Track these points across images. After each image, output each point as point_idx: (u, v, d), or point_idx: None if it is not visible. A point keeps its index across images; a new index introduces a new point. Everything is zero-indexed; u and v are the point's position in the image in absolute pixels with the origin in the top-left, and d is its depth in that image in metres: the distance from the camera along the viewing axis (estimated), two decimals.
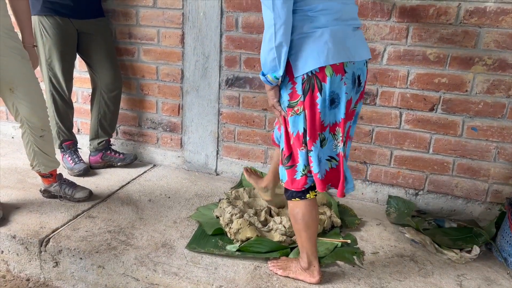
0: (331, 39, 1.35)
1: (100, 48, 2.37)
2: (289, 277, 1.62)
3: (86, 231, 1.87)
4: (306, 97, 1.38)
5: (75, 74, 2.46)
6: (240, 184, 2.39)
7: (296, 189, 1.52)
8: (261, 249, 1.76)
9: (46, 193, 2.14)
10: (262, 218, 1.95)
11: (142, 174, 2.54)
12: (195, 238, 1.85)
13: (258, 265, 1.70)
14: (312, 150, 1.44)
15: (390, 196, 2.26)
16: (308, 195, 1.52)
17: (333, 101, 1.40)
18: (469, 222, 2.07)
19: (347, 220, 2.05)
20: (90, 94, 2.53)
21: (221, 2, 2.28)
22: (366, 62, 1.50)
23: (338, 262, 1.74)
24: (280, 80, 1.42)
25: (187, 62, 2.45)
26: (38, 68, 2.16)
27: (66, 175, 2.32)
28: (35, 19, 2.17)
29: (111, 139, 2.61)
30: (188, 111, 2.53)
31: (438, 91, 2.07)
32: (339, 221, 2.00)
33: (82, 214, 2.02)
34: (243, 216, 1.91)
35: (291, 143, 1.49)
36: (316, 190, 1.53)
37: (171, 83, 2.53)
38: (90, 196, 2.15)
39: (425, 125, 2.14)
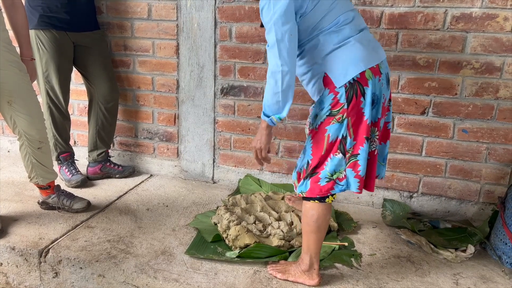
0: (361, 45, 1.43)
1: (96, 60, 2.40)
2: (288, 281, 1.64)
3: (86, 241, 1.87)
4: (350, 104, 1.42)
5: (71, 86, 2.48)
6: (237, 191, 2.41)
7: (320, 194, 1.52)
8: (261, 255, 1.78)
9: (44, 204, 2.14)
10: (260, 225, 1.96)
11: (139, 184, 2.56)
12: (194, 244, 1.86)
13: (258, 269, 1.72)
14: (359, 154, 1.47)
15: (385, 199, 2.29)
16: (327, 199, 1.54)
17: (373, 102, 1.46)
18: (463, 222, 2.11)
19: (344, 224, 2.07)
20: (87, 106, 2.55)
21: (215, 13, 2.33)
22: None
23: (336, 264, 1.76)
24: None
25: (182, 72, 2.49)
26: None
27: (63, 186, 2.33)
28: (32, 33, 2.19)
29: (109, 150, 2.63)
30: (184, 120, 2.56)
31: (428, 95, 2.13)
32: (336, 225, 2.02)
33: (81, 225, 2.03)
34: (240, 223, 1.93)
35: (323, 152, 1.49)
36: (334, 195, 1.55)
37: (166, 94, 2.56)
38: (89, 206, 2.16)
39: (417, 129, 2.18)
